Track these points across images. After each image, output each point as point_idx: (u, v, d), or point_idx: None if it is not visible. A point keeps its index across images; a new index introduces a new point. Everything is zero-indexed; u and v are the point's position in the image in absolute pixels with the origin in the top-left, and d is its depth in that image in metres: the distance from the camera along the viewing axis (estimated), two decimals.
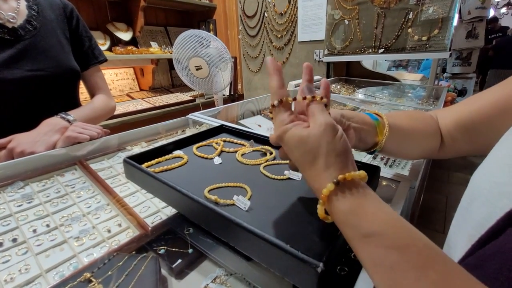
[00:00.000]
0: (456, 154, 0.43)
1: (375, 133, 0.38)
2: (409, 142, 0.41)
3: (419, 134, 0.42)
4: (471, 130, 0.39)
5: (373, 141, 0.39)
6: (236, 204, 0.33)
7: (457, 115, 0.41)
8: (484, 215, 0.25)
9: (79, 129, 0.59)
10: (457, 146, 0.42)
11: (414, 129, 0.41)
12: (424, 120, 0.43)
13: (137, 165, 0.38)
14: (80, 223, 0.43)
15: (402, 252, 0.21)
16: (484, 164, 0.31)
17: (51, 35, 0.73)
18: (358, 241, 0.23)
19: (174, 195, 0.33)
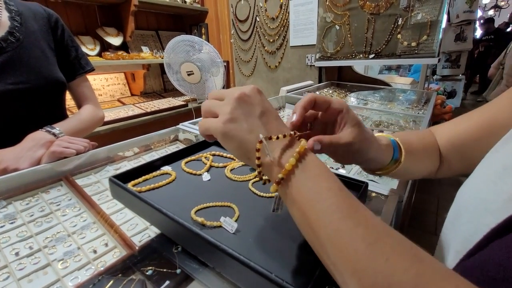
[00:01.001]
0: (451, 173, 0.43)
1: (388, 158, 0.37)
2: (417, 164, 0.41)
3: (426, 157, 0.41)
4: (461, 150, 0.40)
5: (385, 163, 0.37)
6: (223, 226, 0.32)
7: (450, 134, 0.42)
8: (471, 231, 0.26)
9: (64, 143, 0.58)
10: (452, 166, 0.42)
11: (424, 151, 0.41)
12: (430, 141, 0.43)
13: (122, 185, 0.37)
14: (64, 244, 0.42)
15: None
16: (470, 180, 0.32)
17: (35, 46, 0.71)
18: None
19: (159, 217, 0.33)
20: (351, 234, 0.21)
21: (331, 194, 0.24)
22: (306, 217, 0.24)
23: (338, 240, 0.22)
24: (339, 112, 0.32)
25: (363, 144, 0.32)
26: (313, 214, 0.24)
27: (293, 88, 1.48)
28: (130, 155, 0.68)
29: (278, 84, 2.00)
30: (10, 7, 0.71)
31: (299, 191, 0.25)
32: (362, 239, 0.21)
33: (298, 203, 0.25)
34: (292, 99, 1.39)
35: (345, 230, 0.22)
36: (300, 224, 0.26)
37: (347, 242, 0.21)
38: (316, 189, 0.24)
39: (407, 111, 1.24)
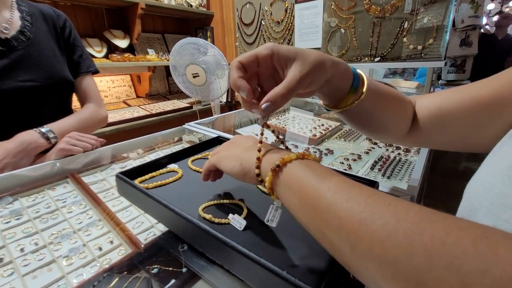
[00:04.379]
0: (424, 143, 0.41)
1: (348, 83, 0.33)
2: (383, 110, 0.37)
3: (394, 108, 0.38)
4: (446, 121, 0.37)
5: (343, 91, 0.33)
6: (232, 223, 0.32)
7: (437, 102, 0.39)
8: None
9: (73, 140, 0.58)
10: (428, 136, 0.40)
11: (391, 101, 0.37)
12: (402, 99, 0.39)
13: (129, 181, 0.37)
14: (70, 241, 0.41)
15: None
16: (480, 175, 0.30)
17: (44, 46, 0.72)
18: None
19: (167, 213, 0.32)
20: (349, 192, 0.22)
21: (324, 170, 0.26)
22: (303, 196, 0.24)
23: (338, 200, 0.22)
24: (271, 58, 0.29)
25: (313, 70, 0.28)
26: (310, 188, 0.24)
27: None
28: (135, 155, 0.68)
29: None
30: (21, 8, 0.73)
31: (293, 174, 0.26)
32: (360, 193, 0.22)
33: (293, 185, 0.25)
34: (298, 102, 1.38)
35: (343, 190, 0.22)
36: (298, 208, 0.25)
37: (347, 199, 0.22)
38: (309, 167, 0.26)
39: None
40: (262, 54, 0.29)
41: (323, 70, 0.29)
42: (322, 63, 0.29)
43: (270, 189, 0.28)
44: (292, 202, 0.26)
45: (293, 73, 0.28)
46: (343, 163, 0.73)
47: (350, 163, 0.73)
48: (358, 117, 0.37)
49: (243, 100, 0.31)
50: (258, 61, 0.29)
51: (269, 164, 0.28)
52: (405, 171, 0.66)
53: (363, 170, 0.69)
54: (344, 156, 0.77)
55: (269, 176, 0.27)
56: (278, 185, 0.27)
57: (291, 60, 0.28)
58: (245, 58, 0.29)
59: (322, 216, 0.23)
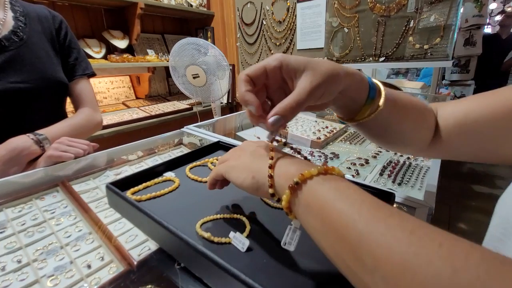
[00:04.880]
0: (448, 155, 0.37)
1: (364, 94, 0.30)
2: (402, 120, 0.34)
3: (413, 118, 0.35)
4: (474, 131, 0.33)
5: (359, 103, 0.31)
6: (233, 243, 0.28)
7: (461, 111, 0.35)
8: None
9: (63, 146, 0.55)
10: (453, 147, 0.36)
11: (411, 111, 0.34)
12: (423, 108, 0.36)
13: (120, 193, 0.33)
14: (56, 258, 0.38)
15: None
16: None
17: (38, 47, 0.69)
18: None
19: (160, 231, 0.29)
20: (387, 222, 0.18)
21: (351, 191, 0.22)
22: (326, 222, 0.21)
23: (373, 233, 0.18)
24: (279, 69, 0.27)
25: (325, 82, 0.26)
26: (335, 213, 0.20)
27: None
28: (131, 160, 0.64)
29: None
30: (15, 8, 0.70)
31: (315, 194, 0.22)
32: (401, 226, 0.18)
33: (314, 207, 0.22)
34: None
35: (378, 221, 0.19)
36: (320, 234, 0.22)
37: (385, 232, 0.18)
38: (333, 188, 0.22)
39: None
40: (270, 66, 0.27)
41: (336, 81, 0.27)
42: (335, 74, 0.26)
43: (288, 208, 0.24)
44: (313, 226, 0.22)
45: (303, 84, 0.26)
46: (350, 168, 0.70)
47: (358, 168, 0.69)
48: (375, 129, 0.34)
49: (251, 115, 0.28)
50: (266, 73, 0.27)
51: (286, 179, 0.24)
52: (417, 177, 0.63)
53: (372, 176, 0.66)
54: (351, 161, 0.74)
55: (286, 195, 0.23)
56: (297, 205, 0.23)
57: (300, 71, 0.26)
58: (252, 71, 0.27)
59: (352, 250, 0.19)
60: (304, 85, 0.25)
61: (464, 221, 1.93)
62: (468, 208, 2.08)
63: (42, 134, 0.62)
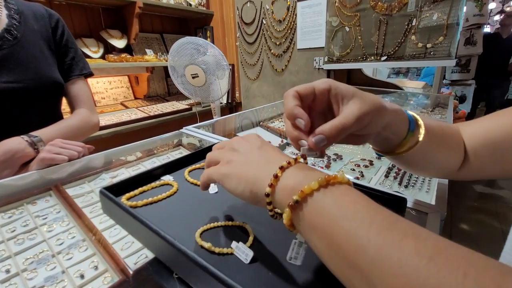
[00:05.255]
0: (479, 176, 0.37)
1: (405, 128, 0.30)
2: (437, 149, 0.34)
3: (447, 146, 0.34)
4: (502, 150, 0.33)
5: (400, 137, 0.31)
6: (236, 254, 0.26)
7: (486, 131, 0.34)
8: None
9: (56, 148, 0.52)
10: (482, 168, 0.35)
11: (443, 138, 0.34)
12: (452, 133, 0.36)
13: (114, 199, 0.31)
14: (47, 267, 0.36)
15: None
16: None
17: (33, 46, 0.67)
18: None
19: (156, 241, 0.27)
20: (400, 247, 0.16)
21: (358, 207, 0.19)
22: (333, 244, 0.19)
23: (386, 261, 0.16)
24: (328, 92, 0.27)
25: (374, 112, 0.26)
26: (342, 235, 0.18)
27: None
28: (128, 162, 0.62)
29: (284, 88, 1.95)
30: (9, 5, 0.68)
31: (318, 212, 0.20)
32: (417, 251, 0.16)
33: (319, 227, 0.20)
34: None
35: (391, 245, 0.16)
36: (327, 257, 0.20)
37: (399, 259, 0.16)
38: (339, 203, 0.20)
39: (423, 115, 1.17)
40: (319, 88, 0.27)
41: (382, 114, 0.27)
42: (382, 107, 0.27)
43: (290, 226, 0.22)
44: (319, 248, 0.20)
45: (351, 109, 0.25)
46: (354, 170, 0.68)
47: (362, 170, 0.67)
48: (411, 160, 0.33)
49: (290, 132, 0.27)
50: (315, 93, 0.27)
51: (285, 196, 0.22)
52: (423, 178, 0.61)
53: (376, 178, 0.64)
54: (355, 162, 0.72)
55: (286, 213, 0.21)
56: (301, 223, 0.21)
57: (349, 96, 0.26)
58: (302, 89, 0.27)
59: (364, 278, 0.17)
60: (352, 110, 0.25)
61: (466, 222, 1.91)
62: (470, 209, 2.06)
63: (36, 136, 0.60)
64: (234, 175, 0.26)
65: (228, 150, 0.30)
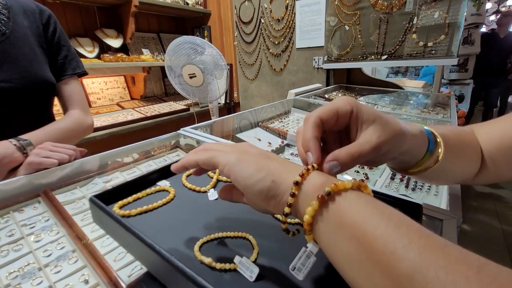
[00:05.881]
0: (494, 181, 0.35)
1: (424, 150, 0.29)
2: (456, 162, 0.32)
3: (465, 155, 0.33)
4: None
5: (417, 159, 0.30)
6: (239, 270, 0.24)
7: (502, 134, 0.33)
8: None
9: (45, 152, 0.49)
10: (499, 173, 0.34)
11: (461, 147, 0.33)
12: (469, 140, 0.34)
13: (104, 208, 0.29)
14: (33, 281, 0.33)
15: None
16: None
17: (23, 43, 0.64)
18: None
19: (151, 256, 0.24)
20: (445, 254, 0.15)
21: (393, 212, 0.18)
22: (365, 245, 0.17)
23: (431, 265, 0.15)
24: (350, 114, 0.25)
25: (392, 140, 0.25)
26: (378, 235, 0.17)
27: (301, 91, 1.40)
28: (123, 165, 0.59)
29: (283, 88, 1.92)
30: None
31: (350, 210, 0.19)
32: (465, 263, 0.14)
33: (349, 225, 0.18)
34: (300, 103, 1.30)
35: (435, 251, 0.15)
36: (353, 261, 0.18)
37: (446, 266, 0.14)
38: (372, 204, 0.19)
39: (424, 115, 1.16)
40: (343, 110, 0.25)
41: (402, 141, 0.26)
42: (403, 134, 0.26)
43: (310, 225, 0.20)
44: (344, 251, 0.18)
45: (369, 137, 0.24)
46: (358, 171, 0.65)
47: (367, 172, 0.65)
48: (429, 176, 0.32)
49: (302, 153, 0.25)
50: (338, 117, 0.25)
51: (314, 188, 0.20)
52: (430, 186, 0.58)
53: (382, 181, 0.61)
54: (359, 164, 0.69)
55: (312, 206, 0.19)
56: (324, 222, 0.19)
57: (370, 121, 0.25)
58: (326, 114, 0.25)
59: (400, 285, 0.15)
60: (370, 137, 0.24)
61: (466, 222, 1.90)
62: (470, 208, 2.05)
63: (26, 140, 0.57)
64: (250, 164, 0.23)
65: (235, 146, 0.27)
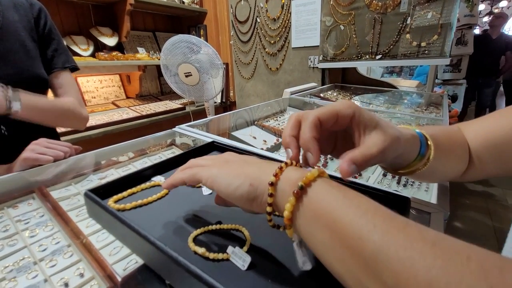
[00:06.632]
0: (481, 177, 0.37)
1: (415, 154, 0.31)
2: (445, 162, 0.34)
3: (454, 156, 0.34)
4: (504, 151, 0.33)
5: (409, 161, 0.31)
6: (232, 260, 0.24)
7: (486, 132, 0.34)
8: None
9: (40, 148, 0.49)
10: (485, 169, 0.35)
11: (451, 148, 0.34)
12: (458, 139, 0.36)
13: (100, 201, 0.29)
14: (28, 275, 0.33)
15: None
16: None
17: (13, 38, 0.63)
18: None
19: (146, 247, 0.25)
20: (405, 233, 0.16)
21: (362, 200, 0.20)
22: (337, 232, 0.18)
23: (392, 245, 0.16)
24: (351, 118, 0.26)
25: (392, 144, 0.26)
26: (347, 222, 0.18)
27: (297, 90, 1.41)
28: (118, 162, 0.60)
29: (279, 87, 1.93)
30: None
31: (322, 202, 0.20)
32: (421, 237, 0.16)
33: (323, 216, 0.19)
34: (296, 102, 1.31)
35: (396, 231, 0.17)
36: (328, 248, 0.19)
37: (405, 243, 0.16)
38: (343, 195, 0.20)
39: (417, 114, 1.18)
40: (343, 113, 0.26)
41: (397, 146, 0.27)
42: (399, 139, 0.27)
43: (290, 220, 0.21)
44: (320, 240, 0.19)
45: (376, 141, 0.25)
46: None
47: None
48: (419, 176, 0.33)
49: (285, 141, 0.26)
50: (337, 119, 0.26)
51: (290, 184, 0.21)
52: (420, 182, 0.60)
53: (374, 177, 0.63)
54: None
55: (289, 203, 0.20)
56: (301, 216, 0.20)
57: (372, 126, 0.26)
58: (325, 115, 0.26)
59: (367, 266, 0.16)
60: (376, 141, 0.25)
61: (459, 220, 1.93)
62: (463, 206, 2.09)
63: (16, 90, 0.55)
64: (229, 173, 0.25)
65: (217, 158, 0.29)
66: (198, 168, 0.27)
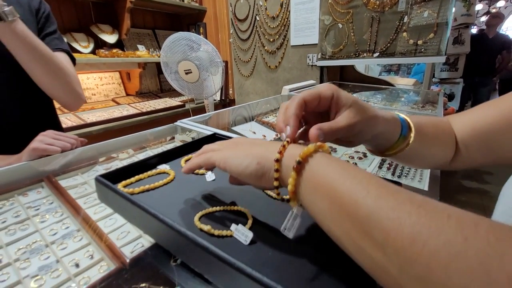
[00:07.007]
0: (469, 165, 0.39)
1: (397, 134, 0.33)
2: (429, 147, 0.36)
3: (439, 141, 0.37)
4: (489, 140, 0.35)
5: (391, 142, 0.34)
6: (235, 236, 0.26)
7: (473, 122, 0.36)
8: None
9: (48, 139, 0.51)
10: (472, 157, 0.37)
11: (436, 134, 0.36)
12: (444, 128, 0.38)
13: (110, 185, 0.31)
14: (41, 257, 0.35)
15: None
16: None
17: None
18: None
19: (155, 224, 0.26)
20: (395, 198, 0.18)
21: (357, 171, 0.22)
22: (335, 200, 0.21)
23: (383, 207, 0.18)
24: (330, 99, 0.29)
25: (366, 122, 0.29)
26: (345, 191, 0.20)
27: (296, 87, 1.43)
28: (122, 155, 0.61)
29: (278, 85, 1.95)
30: None
31: (322, 174, 0.22)
32: (409, 200, 0.18)
33: (323, 186, 0.22)
34: None
35: (387, 196, 0.19)
36: (328, 215, 0.21)
37: (394, 205, 0.18)
38: (341, 167, 0.22)
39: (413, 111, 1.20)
40: (324, 94, 0.28)
41: (374, 125, 0.30)
42: (375, 118, 0.29)
43: (293, 193, 0.23)
44: (320, 207, 0.22)
45: (345, 117, 0.28)
46: (348, 161, 0.69)
47: (356, 162, 0.68)
48: (404, 158, 0.36)
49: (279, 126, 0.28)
50: (320, 100, 0.29)
51: (291, 160, 0.23)
52: (416, 170, 0.62)
53: (371, 169, 0.65)
54: (349, 154, 0.72)
55: (291, 177, 0.23)
56: (304, 187, 0.23)
57: (346, 106, 0.28)
58: (310, 96, 0.28)
59: (361, 227, 0.19)
60: (345, 117, 0.28)
61: None
62: (458, 203, 2.12)
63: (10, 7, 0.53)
64: (239, 154, 0.27)
65: (226, 145, 0.31)
66: (211, 153, 0.30)
